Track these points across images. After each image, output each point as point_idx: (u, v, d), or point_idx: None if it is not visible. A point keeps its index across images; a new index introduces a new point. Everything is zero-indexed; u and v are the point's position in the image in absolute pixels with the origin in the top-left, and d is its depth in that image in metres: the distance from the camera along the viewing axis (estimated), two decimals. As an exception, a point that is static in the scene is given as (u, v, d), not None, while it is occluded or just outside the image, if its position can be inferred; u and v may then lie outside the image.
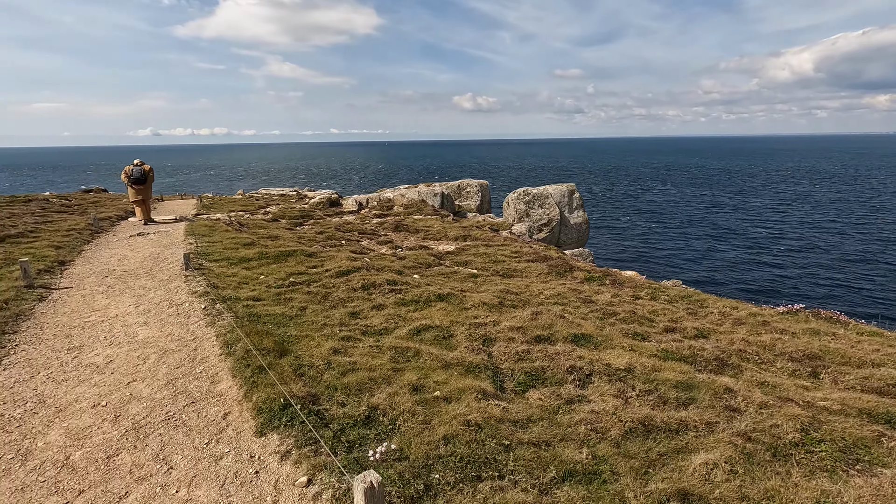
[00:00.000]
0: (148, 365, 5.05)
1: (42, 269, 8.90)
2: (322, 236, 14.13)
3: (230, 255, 10.23)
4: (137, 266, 9.53)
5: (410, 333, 6.02)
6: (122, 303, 7.22)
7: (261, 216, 17.40)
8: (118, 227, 14.55)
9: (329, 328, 6.14)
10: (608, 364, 5.04)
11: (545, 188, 20.49)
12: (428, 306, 7.19)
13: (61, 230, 12.84)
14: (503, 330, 6.13)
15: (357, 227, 16.21)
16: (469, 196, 21.69)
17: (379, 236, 15.45)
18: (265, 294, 7.49)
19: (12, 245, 11.05)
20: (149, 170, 14.85)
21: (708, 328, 7.35)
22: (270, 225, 15.51)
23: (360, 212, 19.21)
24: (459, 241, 15.16)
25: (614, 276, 11.15)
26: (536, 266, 11.86)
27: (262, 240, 12.31)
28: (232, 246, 11.11)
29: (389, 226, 16.60)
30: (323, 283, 8.24)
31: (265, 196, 23.11)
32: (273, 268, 9.33)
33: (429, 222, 17.14)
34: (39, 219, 15.21)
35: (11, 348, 5.55)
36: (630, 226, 44.03)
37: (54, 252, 10.21)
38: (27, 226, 13.33)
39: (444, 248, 14.06)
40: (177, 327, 6.09)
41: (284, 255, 10.16)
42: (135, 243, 11.89)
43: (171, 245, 11.47)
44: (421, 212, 18.97)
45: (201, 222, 14.02)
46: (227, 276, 8.53)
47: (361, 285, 8.00)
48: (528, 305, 7.87)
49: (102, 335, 5.95)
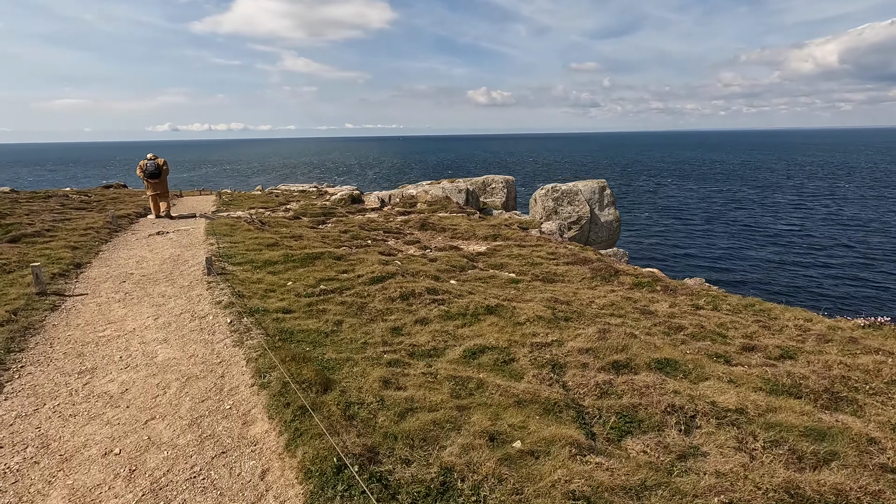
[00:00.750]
0: (169, 396, 4.30)
1: (56, 273, 8.25)
2: (347, 235, 13.36)
3: (254, 257, 9.50)
4: (157, 269, 8.85)
5: (465, 356, 5.20)
6: (140, 313, 6.50)
7: (282, 213, 16.70)
8: (137, 225, 13.95)
9: (371, 348, 5.34)
10: (712, 402, 4.16)
11: (575, 184, 19.48)
12: (477, 321, 6.36)
13: (79, 229, 12.25)
14: (570, 352, 5.28)
15: (381, 226, 15.43)
16: (494, 192, 20.76)
17: (405, 235, 14.65)
18: (295, 304, 6.72)
19: (28, 245, 10.45)
20: (163, 163, 14.32)
21: (791, 347, 6.40)
22: (292, 223, 14.80)
23: (383, 209, 18.42)
24: (489, 240, 14.30)
25: (665, 282, 10.21)
26: (577, 269, 10.96)
27: (286, 240, 11.57)
28: (255, 247, 10.38)
29: (415, 224, 15.78)
30: (356, 291, 7.45)
31: (285, 192, 22.44)
32: (300, 272, 8.57)
33: (455, 220, 16.30)
34: (57, 216, 14.68)
35: (16, 371, 4.84)
36: (649, 222, 42.69)
37: (70, 253, 9.58)
38: (44, 224, 12.77)
39: (474, 249, 13.21)
40: (200, 346, 5.34)
41: (311, 258, 9.39)
42: (154, 243, 11.23)
43: (191, 245, 10.78)
44: (446, 209, 18.12)
45: (222, 220, 13.36)
46: (252, 283, 7.79)
47: (399, 294, 7.19)
48: (583, 318, 7.01)
49: (118, 355, 5.22)
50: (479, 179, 21.07)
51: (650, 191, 63.93)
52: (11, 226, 12.32)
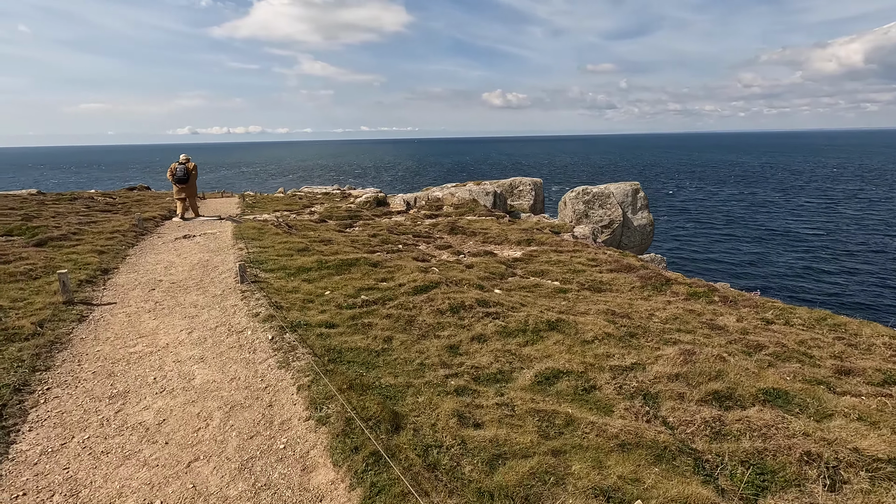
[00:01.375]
0: (212, 429, 3.73)
1: (83, 280, 7.79)
2: (376, 240, 12.80)
3: (286, 263, 8.96)
4: (186, 276, 8.35)
5: (538, 382, 4.55)
6: (173, 326, 5.97)
7: (307, 216, 16.22)
8: (163, 228, 13.56)
9: (430, 371, 4.72)
10: (855, 449, 3.46)
11: (606, 187, 18.71)
12: (540, 338, 5.70)
13: (105, 232, 11.86)
14: (658, 378, 4.60)
15: (410, 229, 14.84)
16: (522, 195, 20.08)
17: (434, 239, 14.05)
18: (338, 318, 6.13)
19: (55, 249, 10.07)
20: (192, 167, 14.24)
21: (893, 371, 5.64)
22: (319, 226, 14.29)
23: (409, 212, 17.85)
24: (524, 245, 13.62)
25: (722, 292, 9.44)
26: (624, 277, 10.23)
27: (316, 244, 11.04)
28: (286, 252, 9.85)
29: (444, 228, 15.17)
30: (400, 302, 6.84)
31: (308, 195, 22.01)
32: (336, 280, 8.00)
33: (485, 224, 15.65)
34: (84, 218, 14.37)
35: (42, 394, 4.32)
36: (668, 226, 41.51)
37: (97, 258, 9.15)
38: (71, 227, 12.42)
39: (509, 255, 12.54)
40: (241, 367, 4.77)
41: (347, 265, 8.82)
42: (181, 247, 10.78)
43: (219, 250, 10.30)
44: (473, 212, 17.49)
45: (249, 224, 12.89)
46: (287, 292, 7.23)
47: (449, 306, 6.56)
48: (650, 334, 6.31)
49: (151, 375, 4.68)
50: (507, 182, 20.40)
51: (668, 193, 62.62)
52: (38, 228, 11.99)
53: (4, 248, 9.76)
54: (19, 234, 11.88)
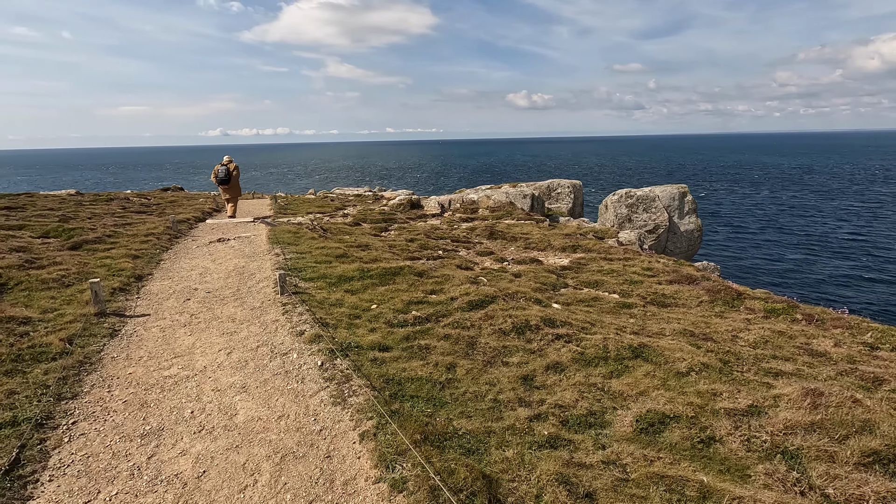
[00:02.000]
0: (261, 489, 3.05)
1: (116, 288, 7.30)
2: (414, 245, 12.12)
3: (325, 271, 8.33)
4: (222, 284, 7.80)
5: (642, 430, 3.75)
6: (210, 344, 5.37)
7: (340, 219, 15.67)
8: (197, 231, 13.18)
9: (508, 411, 3.97)
10: None
11: (651, 190, 17.63)
12: (625, 368, 4.88)
13: (139, 235, 11.50)
14: (791, 429, 3.73)
15: (447, 234, 14.12)
16: (560, 198, 19.15)
17: (474, 245, 13.29)
18: (390, 338, 5.43)
19: (89, 252, 9.70)
20: (233, 168, 14.46)
21: None
22: (354, 230, 13.70)
23: (444, 215, 17.14)
24: (569, 252, 12.74)
25: (803, 309, 8.41)
26: (688, 290, 9.28)
27: (353, 249, 10.42)
28: (324, 258, 9.25)
29: (482, 232, 14.40)
30: (456, 319, 6.10)
31: (340, 197, 21.54)
32: (382, 292, 7.32)
33: (525, 228, 14.82)
34: (119, 220, 14.13)
35: (67, 429, 3.73)
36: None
37: (131, 263, 8.70)
38: (106, 229, 12.12)
39: (556, 262, 11.69)
40: (289, 400, 4.10)
41: (390, 274, 8.14)
42: (216, 252, 10.30)
43: (255, 255, 9.77)
44: (511, 215, 16.66)
45: (283, 227, 12.37)
46: (331, 305, 6.58)
47: (512, 326, 5.80)
48: (743, 362, 5.43)
49: (188, 407, 4.05)
50: (544, 184, 19.50)
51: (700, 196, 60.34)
52: (74, 231, 11.71)
53: (39, 252, 9.43)
54: (55, 235, 11.64)
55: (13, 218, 14.07)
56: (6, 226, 12.43)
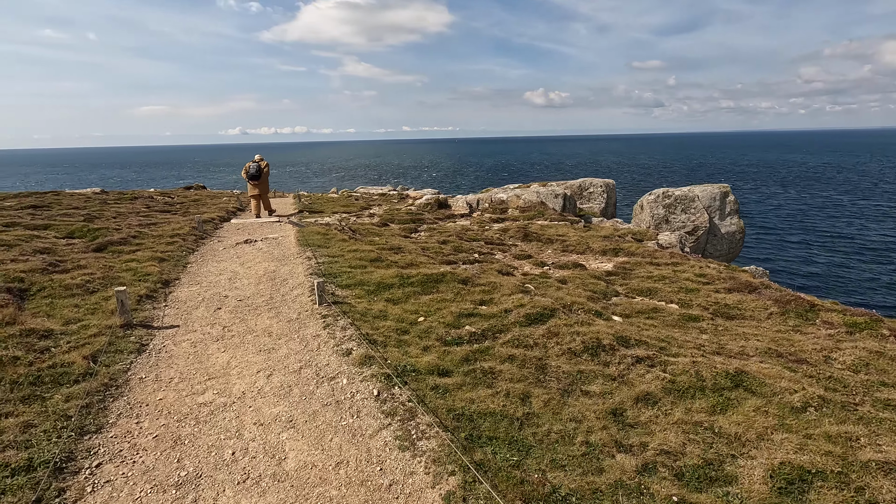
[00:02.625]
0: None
1: (143, 296, 6.77)
2: (448, 247, 11.45)
3: (362, 277, 7.71)
4: (253, 290, 7.23)
5: (779, 489, 3.02)
6: (247, 363, 4.77)
7: (367, 219, 15.09)
8: (222, 231, 12.70)
9: (607, 458, 3.27)
10: None
11: (690, 189, 16.69)
12: (727, 402, 4.14)
13: (165, 235, 11.04)
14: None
15: (479, 235, 13.43)
16: (592, 197, 18.30)
17: (508, 247, 12.58)
18: (447, 359, 4.77)
19: (114, 254, 9.24)
20: (264, 165, 14.55)
21: None
22: (383, 231, 13.09)
23: (472, 215, 16.44)
24: (610, 255, 11.96)
25: (889, 324, 7.52)
26: (752, 301, 8.43)
27: (386, 252, 9.79)
28: (358, 263, 8.63)
29: (516, 234, 13.67)
30: (516, 336, 5.42)
31: (364, 196, 20.97)
32: (426, 302, 6.66)
33: (559, 230, 14.05)
34: (143, 219, 13.74)
35: (90, 474, 3.15)
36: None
37: (157, 267, 8.19)
38: (131, 229, 11.70)
39: (599, 266, 10.93)
40: (346, 440, 3.46)
41: (432, 282, 7.49)
42: (243, 254, 9.77)
43: (285, 259, 9.20)
44: (542, 216, 15.90)
45: (312, 228, 11.80)
46: (374, 317, 5.94)
47: (582, 346, 5.09)
48: (852, 391, 4.65)
49: (228, 448, 3.44)
50: (576, 183, 18.66)
51: None
52: (98, 231, 11.31)
53: (64, 254, 9.00)
54: (80, 236, 11.25)
55: (39, 217, 13.78)
56: (31, 225, 12.09)
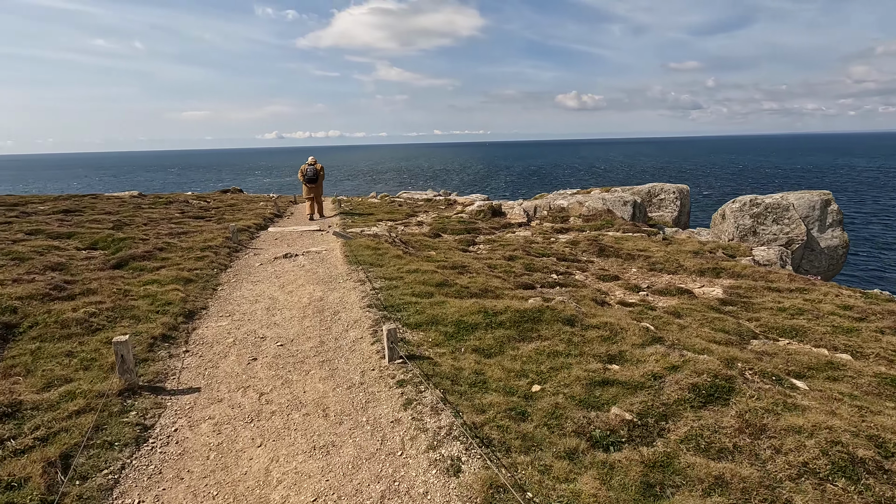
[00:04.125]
0: None
1: (158, 337, 5.10)
2: (518, 265, 9.52)
3: (434, 311, 5.85)
4: (298, 329, 5.48)
5: None
6: (295, 479, 2.97)
7: (416, 228, 13.31)
8: (258, 241, 11.13)
9: None
10: None
11: (783, 196, 14.25)
12: None
13: (195, 248, 9.50)
14: None
15: (547, 249, 11.44)
16: (663, 205, 16.03)
17: (583, 263, 10.55)
18: (614, 482, 2.85)
19: (134, 273, 7.70)
20: (320, 168, 14.16)
21: None
22: (438, 244, 11.26)
23: (531, 224, 14.45)
24: (710, 276, 9.79)
25: None
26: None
27: (449, 273, 7.94)
28: (423, 289, 6.80)
29: (588, 248, 11.61)
30: (696, 430, 3.44)
31: (408, 201, 19.23)
32: (529, 353, 4.75)
33: (638, 243, 11.93)
34: (175, 227, 12.33)
35: None
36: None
37: (181, 292, 6.55)
38: (159, 239, 10.23)
39: (705, 291, 8.79)
40: None
41: (528, 321, 5.57)
42: (283, 272, 8.09)
43: (332, 280, 7.46)
44: (612, 226, 13.78)
45: (360, 241, 10.06)
46: (471, 386, 4.06)
47: (823, 457, 3.09)
48: None
49: None
50: (644, 188, 16.42)
51: None
52: (123, 242, 9.87)
53: (76, 272, 7.50)
54: (103, 247, 9.84)
55: (66, 223, 12.56)
56: (55, 233, 10.79)
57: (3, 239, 9.90)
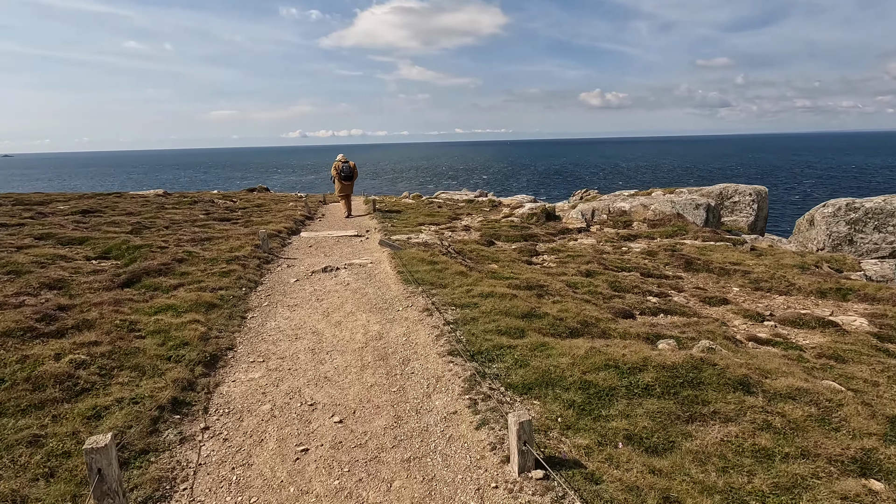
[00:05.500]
0: None
1: (168, 403, 3.52)
2: (601, 282, 7.76)
3: (542, 364, 4.15)
4: (359, 394, 3.85)
5: None
6: None
7: (463, 233, 11.63)
8: (291, 249, 9.61)
9: None
10: None
11: (887, 200, 12.14)
12: None
13: (220, 258, 8.00)
14: None
15: (623, 261, 9.63)
16: (737, 208, 14.02)
17: (671, 279, 8.73)
18: None
19: (146, 293, 6.19)
20: (353, 166, 13.68)
21: None
22: (497, 254, 9.56)
23: (591, 229, 12.63)
24: (834, 298, 7.88)
25: None
26: None
27: (528, 295, 6.24)
28: (509, 323, 5.10)
29: (669, 260, 9.77)
30: None
31: (448, 202, 17.54)
32: (716, 447, 3.04)
33: (727, 255, 10.03)
34: (198, 231, 10.90)
35: None
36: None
37: (201, 325, 4.99)
38: (180, 247, 8.77)
39: (843, 320, 6.90)
40: None
41: (685, 384, 3.83)
42: (325, 293, 6.50)
43: (388, 306, 5.82)
44: (685, 232, 11.88)
45: (410, 252, 8.41)
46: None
47: None
48: None
49: None
50: (714, 189, 14.42)
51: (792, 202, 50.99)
52: (139, 250, 8.43)
53: (76, 292, 6.02)
54: (116, 255, 8.42)
55: (82, 226, 11.26)
56: (66, 238, 9.45)
57: (7, 245, 8.57)
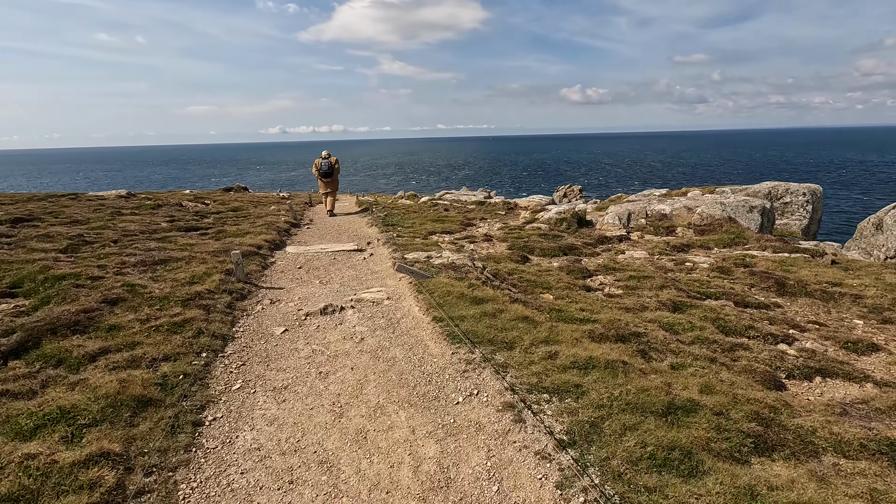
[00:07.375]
0: None
1: None
2: (700, 322, 5.62)
3: (668, 489, 1.98)
4: None
5: None
6: None
7: (486, 245, 9.37)
8: (275, 272, 7.19)
9: None
10: None
11: (968, 202, 10.37)
12: None
13: (174, 297, 5.53)
14: None
15: (696, 283, 7.53)
16: (789, 210, 12.16)
17: (771, 309, 6.67)
18: None
19: (38, 371, 3.75)
20: (335, 162, 12.98)
21: None
22: (542, 275, 7.32)
23: (631, 236, 10.53)
24: None
25: None
26: None
27: (637, 359, 4.07)
28: (658, 437, 2.89)
29: (750, 279, 7.72)
30: None
31: (454, 204, 15.19)
32: None
33: (818, 272, 8.05)
34: (154, 249, 8.33)
35: None
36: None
37: (112, 462, 2.63)
38: (121, 277, 6.27)
39: None
40: None
41: None
42: (327, 359, 4.17)
43: (433, 392, 3.55)
44: (744, 240, 9.90)
45: (441, 282, 6.07)
46: None
47: None
48: None
49: None
50: (762, 188, 12.51)
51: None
52: (62, 282, 5.90)
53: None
54: (28, 291, 5.88)
55: (3, 241, 8.58)
56: (-33, 264, 6.82)
57: None
